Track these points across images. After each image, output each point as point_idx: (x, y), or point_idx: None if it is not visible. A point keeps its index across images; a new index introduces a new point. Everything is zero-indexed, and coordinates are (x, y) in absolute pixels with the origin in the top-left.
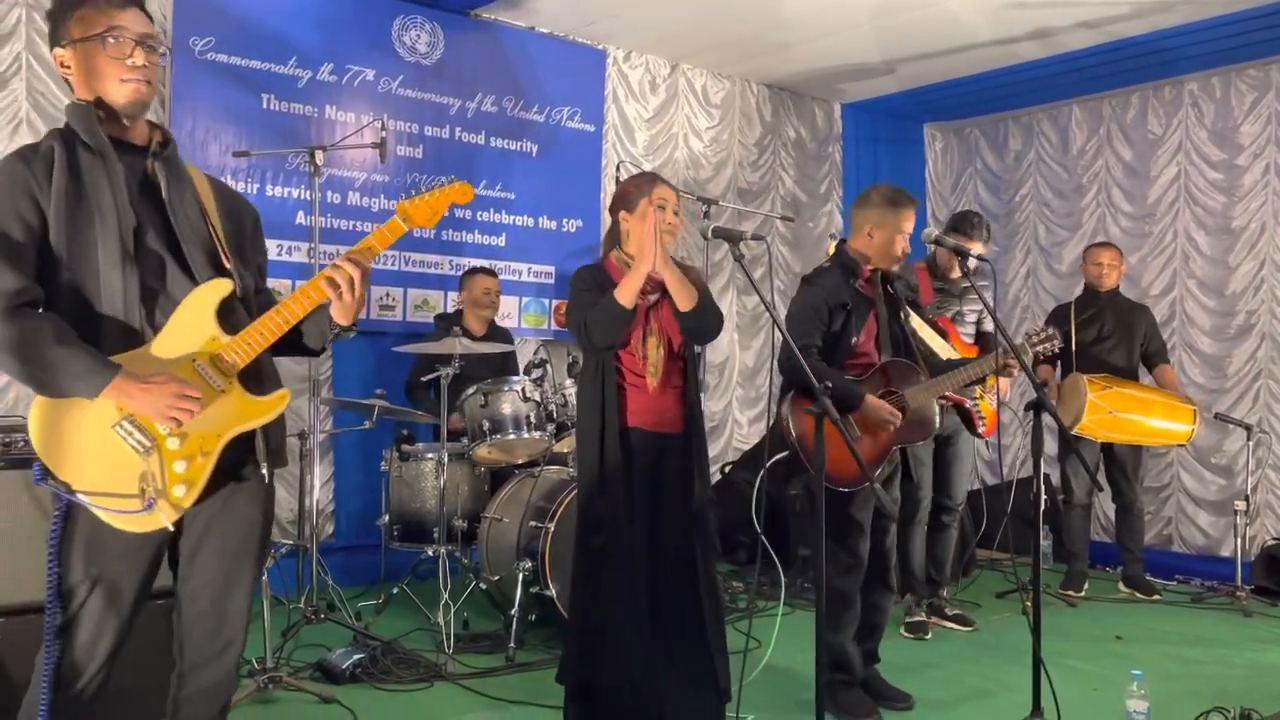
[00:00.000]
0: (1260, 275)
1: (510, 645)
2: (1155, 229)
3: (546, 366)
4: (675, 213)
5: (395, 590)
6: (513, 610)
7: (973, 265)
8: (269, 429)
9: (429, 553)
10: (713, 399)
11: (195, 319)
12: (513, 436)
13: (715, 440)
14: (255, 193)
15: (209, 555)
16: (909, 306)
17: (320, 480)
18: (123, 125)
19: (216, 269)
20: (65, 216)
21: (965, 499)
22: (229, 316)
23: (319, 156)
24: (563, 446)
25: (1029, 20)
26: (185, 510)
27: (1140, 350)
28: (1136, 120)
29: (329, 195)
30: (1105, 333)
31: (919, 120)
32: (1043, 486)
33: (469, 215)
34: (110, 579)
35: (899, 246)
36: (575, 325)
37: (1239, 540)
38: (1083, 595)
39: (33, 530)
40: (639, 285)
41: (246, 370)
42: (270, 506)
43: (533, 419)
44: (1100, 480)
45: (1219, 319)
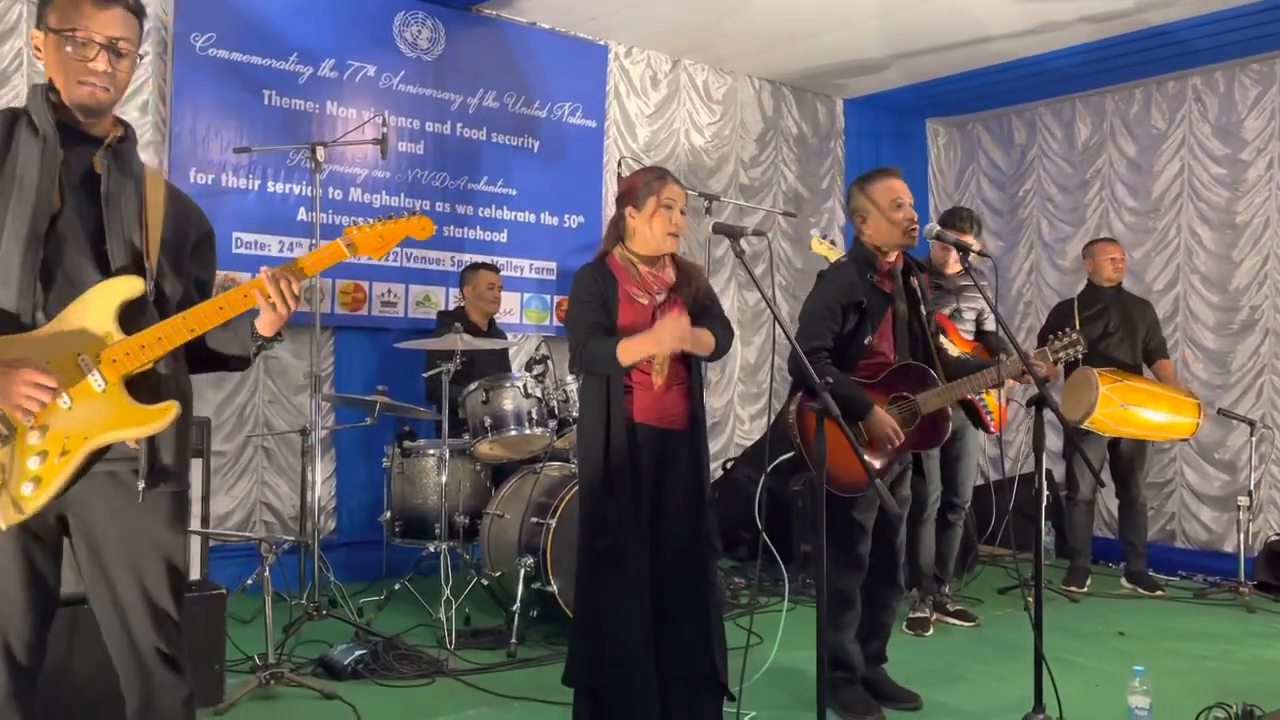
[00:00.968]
0: (1264, 270)
1: (512, 641)
2: (1159, 224)
3: (548, 362)
4: (682, 211)
5: (397, 586)
6: (514, 606)
7: (972, 260)
8: (155, 442)
9: (431, 549)
10: (714, 395)
11: (93, 312)
12: (514, 432)
13: (717, 436)
14: (256, 189)
15: (105, 570)
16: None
17: (322, 476)
18: (78, 118)
19: (137, 269)
20: None
21: (972, 496)
22: (135, 318)
23: (320, 153)
24: (564, 443)
25: (1032, 14)
26: (29, 510)
27: (1142, 345)
28: (1140, 115)
29: (330, 191)
30: (1111, 328)
31: (921, 115)
32: (1045, 482)
33: (471, 211)
34: None
35: (898, 220)
36: (572, 342)
37: (1242, 536)
38: (1085, 591)
39: None
40: (643, 356)
41: (141, 377)
42: (176, 521)
43: (534, 415)
44: (1104, 476)
45: (1223, 314)
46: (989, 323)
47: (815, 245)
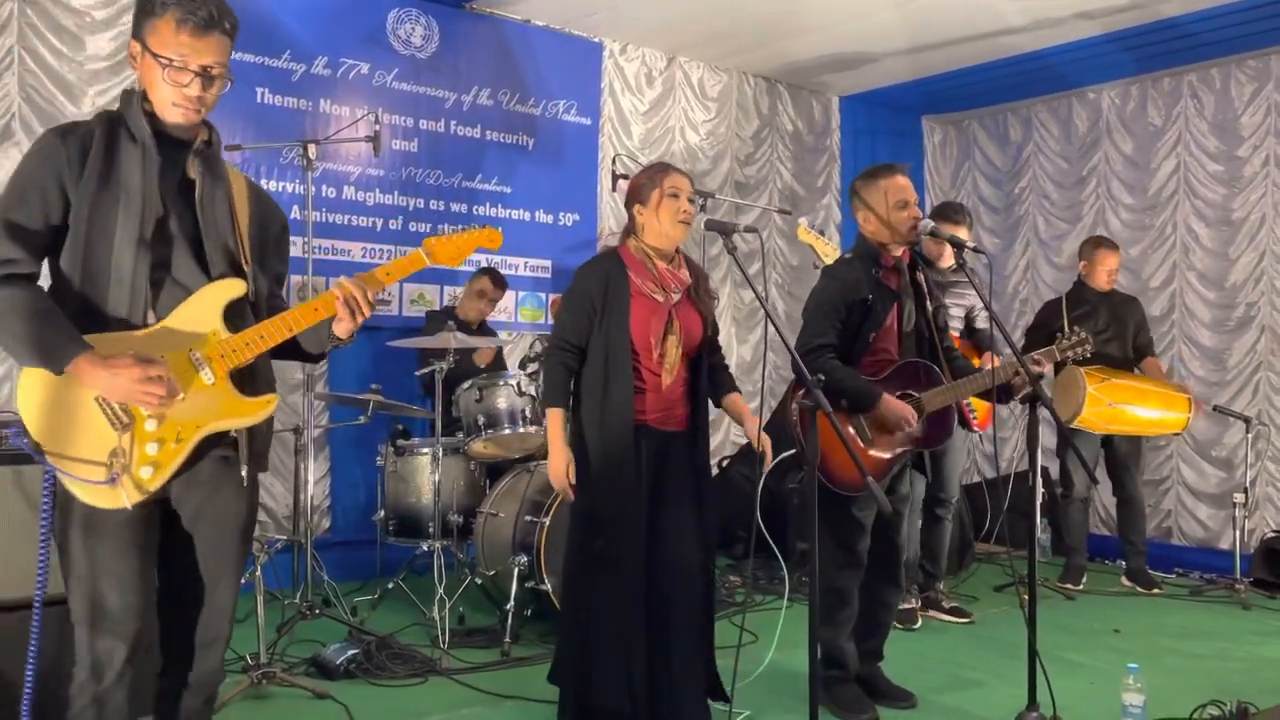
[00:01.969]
0: (1260, 267)
1: (505, 640)
2: (1155, 221)
3: (542, 360)
4: (690, 199)
5: (390, 585)
6: (508, 605)
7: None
8: (254, 431)
9: (424, 548)
10: None
11: (202, 312)
12: (508, 431)
13: (713, 435)
14: None
15: (196, 549)
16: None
17: (315, 475)
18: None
19: (234, 269)
20: (91, 196)
21: (960, 493)
22: (236, 316)
23: (313, 150)
24: None
25: (1027, 11)
26: (149, 492)
27: (1132, 342)
28: (1136, 112)
29: (323, 189)
30: (1101, 326)
31: (917, 112)
32: (1039, 480)
33: (465, 209)
34: (106, 562)
35: (903, 219)
36: (554, 338)
37: (1238, 533)
38: (1081, 588)
39: (22, 527)
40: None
41: (242, 370)
42: (254, 506)
43: (528, 413)
44: (1098, 474)
45: (1219, 311)
46: (979, 320)
47: (802, 234)
